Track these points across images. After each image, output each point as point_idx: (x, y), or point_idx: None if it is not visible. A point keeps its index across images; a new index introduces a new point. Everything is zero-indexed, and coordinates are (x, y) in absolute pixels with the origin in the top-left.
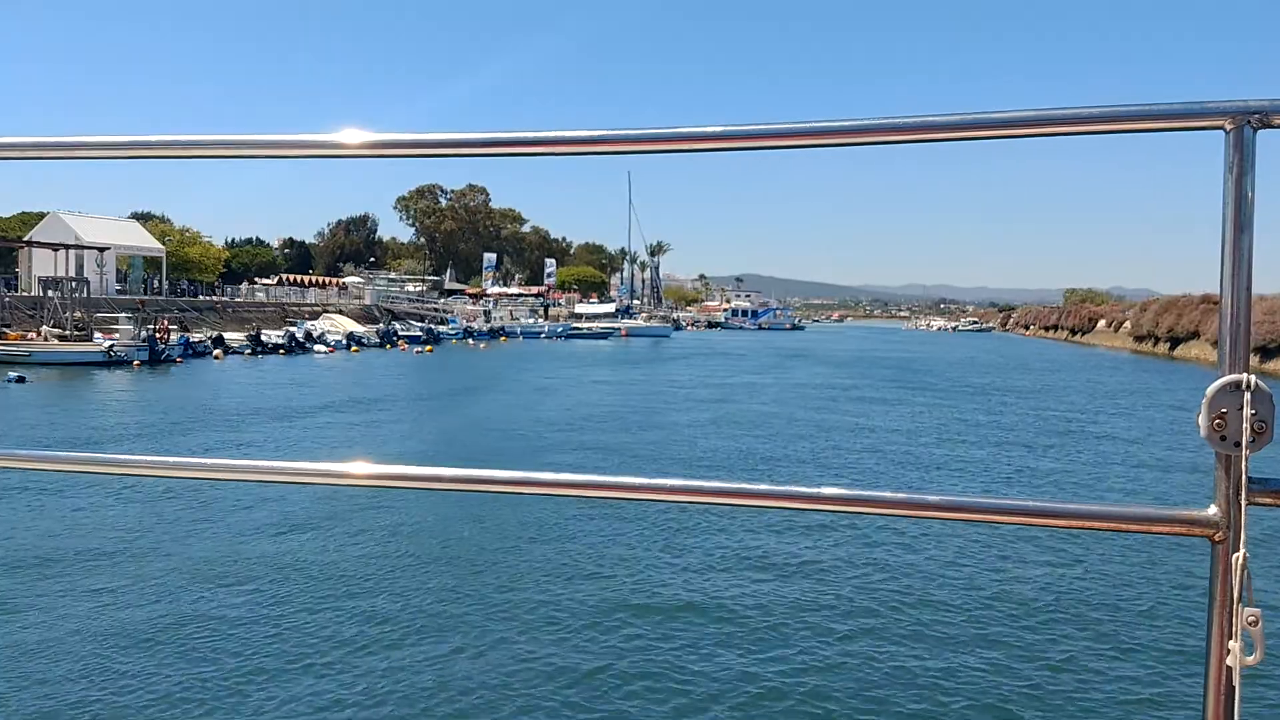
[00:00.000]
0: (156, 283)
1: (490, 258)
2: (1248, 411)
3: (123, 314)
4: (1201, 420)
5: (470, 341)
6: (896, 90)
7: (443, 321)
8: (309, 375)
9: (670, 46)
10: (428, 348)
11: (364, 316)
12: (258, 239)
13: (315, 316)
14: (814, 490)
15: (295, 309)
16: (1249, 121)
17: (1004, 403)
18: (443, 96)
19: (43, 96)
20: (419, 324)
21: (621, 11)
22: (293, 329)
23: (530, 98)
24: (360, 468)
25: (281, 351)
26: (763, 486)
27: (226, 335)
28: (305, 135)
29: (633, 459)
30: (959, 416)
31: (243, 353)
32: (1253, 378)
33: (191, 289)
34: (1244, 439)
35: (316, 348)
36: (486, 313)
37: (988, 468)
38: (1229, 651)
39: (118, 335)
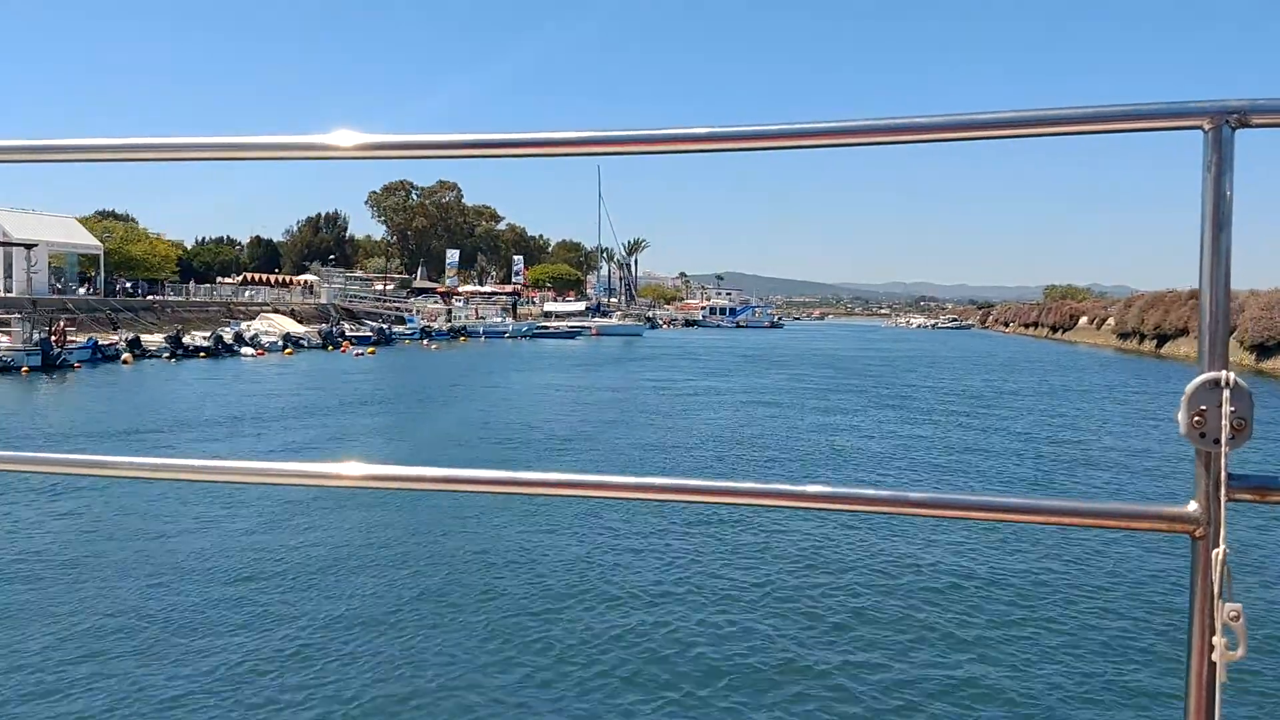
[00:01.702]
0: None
1: (453, 254)
2: (1227, 409)
3: (15, 315)
4: (1181, 417)
5: (425, 342)
6: (878, 93)
7: (400, 320)
8: (214, 383)
9: (676, 41)
10: (370, 350)
11: (319, 316)
12: (228, 238)
13: (253, 317)
14: (799, 488)
15: (243, 308)
16: (1227, 121)
17: (993, 414)
18: (444, 96)
19: (32, 98)
20: (373, 323)
21: (634, 5)
22: (221, 331)
23: (539, 92)
24: (351, 468)
25: (202, 355)
26: (748, 485)
27: (145, 337)
28: (297, 137)
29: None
30: (939, 434)
31: (160, 356)
32: (1231, 375)
33: (139, 288)
34: (1223, 436)
35: (244, 350)
36: (449, 311)
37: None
38: (1211, 646)
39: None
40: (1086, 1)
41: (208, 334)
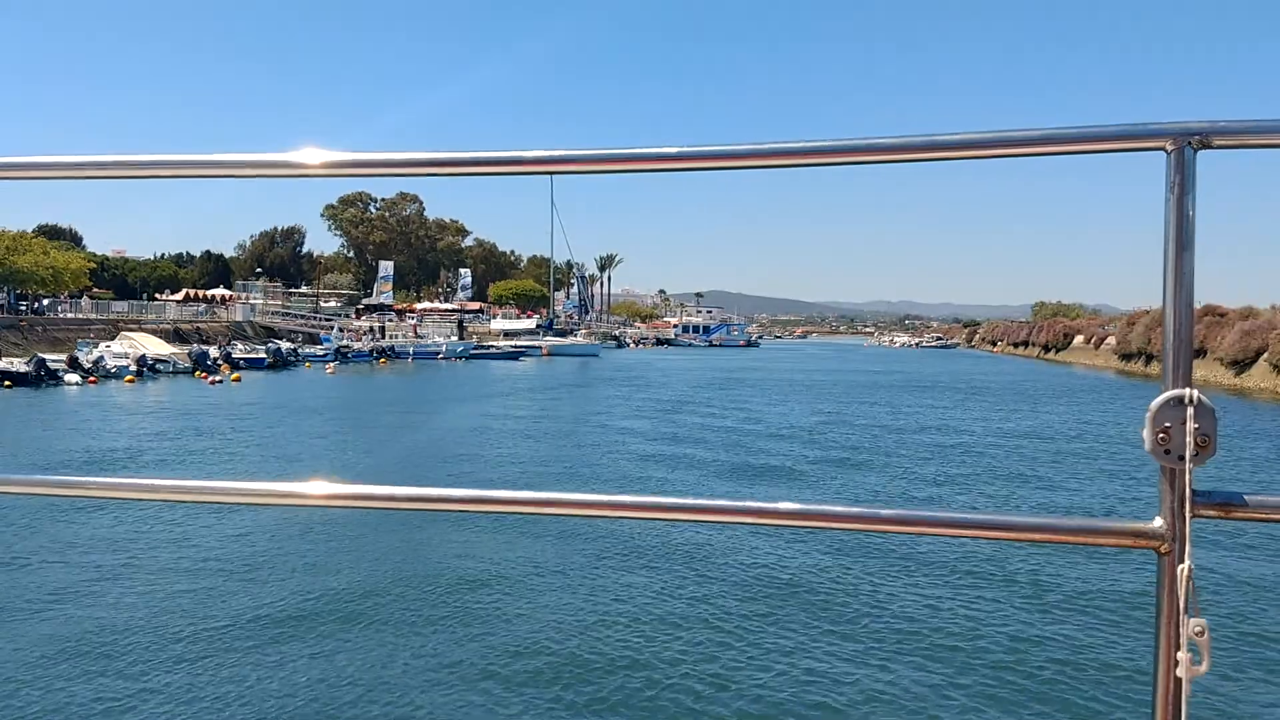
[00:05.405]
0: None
1: (387, 266)
2: (1191, 425)
3: None
4: (1146, 434)
5: (328, 366)
6: (851, 109)
7: (314, 339)
8: None
9: (647, 62)
10: (235, 377)
11: (233, 333)
12: (187, 254)
13: (112, 336)
14: (770, 505)
15: (134, 325)
16: (1189, 142)
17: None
18: (422, 107)
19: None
20: (277, 343)
21: (601, 24)
22: (43, 354)
23: (506, 111)
24: (317, 487)
25: (8, 385)
26: (720, 502)
27: None
28: (264, 155)
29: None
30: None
31: None
32: (1195, 392)
33: (54, 304)
34: (1188, 452)
35: (68, 378)
36: (379, 329)
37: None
38: (1177, 662)
39: None
40: (1052, 23)
41: (27, 359)
